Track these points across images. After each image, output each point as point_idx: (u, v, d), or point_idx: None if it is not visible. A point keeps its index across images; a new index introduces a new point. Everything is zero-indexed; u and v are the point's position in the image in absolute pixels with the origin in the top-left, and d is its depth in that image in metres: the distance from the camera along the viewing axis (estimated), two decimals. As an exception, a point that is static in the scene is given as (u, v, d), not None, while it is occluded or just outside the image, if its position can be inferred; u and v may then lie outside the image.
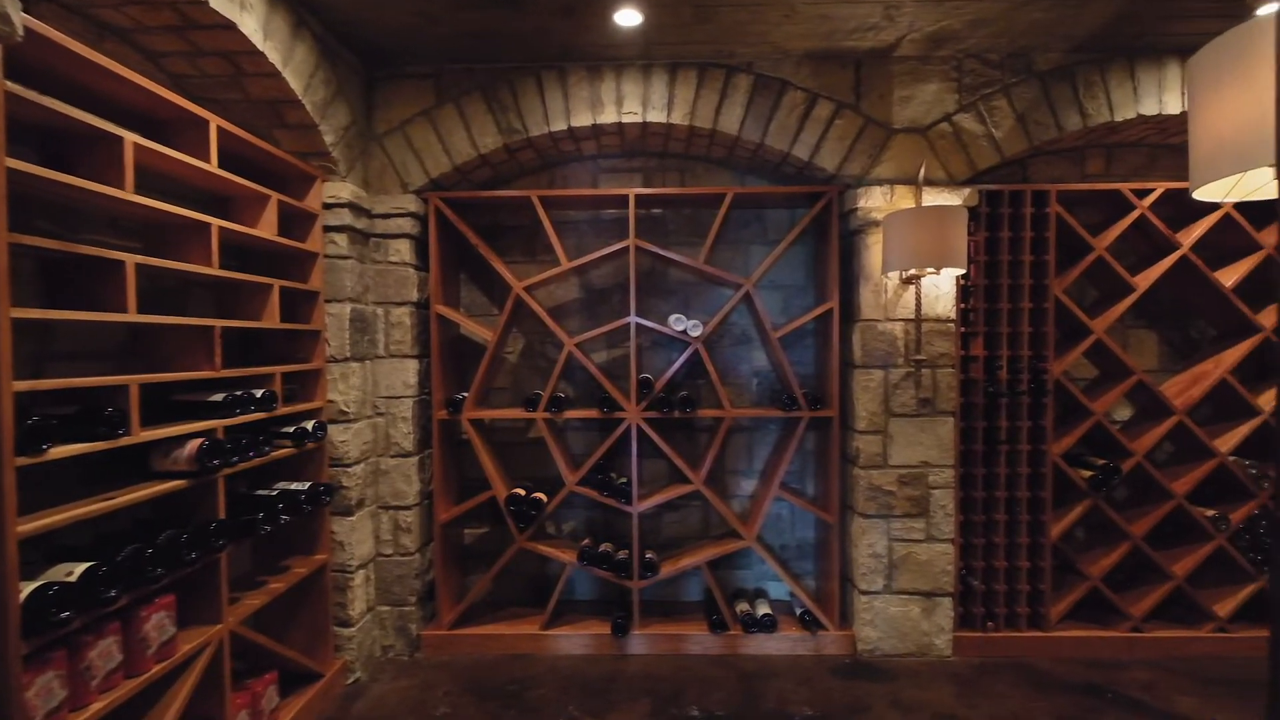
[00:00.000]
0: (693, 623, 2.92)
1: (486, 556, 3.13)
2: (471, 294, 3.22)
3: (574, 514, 3.20)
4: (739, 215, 3.15)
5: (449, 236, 2.98)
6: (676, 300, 3.17)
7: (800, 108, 2.71)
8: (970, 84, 2.69)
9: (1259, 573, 2.78)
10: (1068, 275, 2.80)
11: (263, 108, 2.29)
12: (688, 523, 3.20)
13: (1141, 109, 2.66)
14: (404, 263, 2.79)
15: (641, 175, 3.17)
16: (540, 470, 3.14)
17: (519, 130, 2.76)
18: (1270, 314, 2.79)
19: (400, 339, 2.80)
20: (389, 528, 2.80)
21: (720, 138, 2.82)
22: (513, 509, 2.82)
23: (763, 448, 3.20)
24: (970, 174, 2.71)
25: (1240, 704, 2.41)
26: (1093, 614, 2.87)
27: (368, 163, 2.78)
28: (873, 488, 2.74)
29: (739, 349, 3.19)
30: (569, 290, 3.21)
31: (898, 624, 2.75)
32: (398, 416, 2.79)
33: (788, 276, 3.15)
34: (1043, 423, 2.77)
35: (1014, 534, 2.79)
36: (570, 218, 3.18)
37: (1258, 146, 1.01)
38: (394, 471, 2.80)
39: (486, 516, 3.18)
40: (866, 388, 2.73)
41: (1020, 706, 2.40)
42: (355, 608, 2.61)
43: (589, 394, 3.13)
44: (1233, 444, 2.79)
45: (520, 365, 3.22)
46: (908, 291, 2.71)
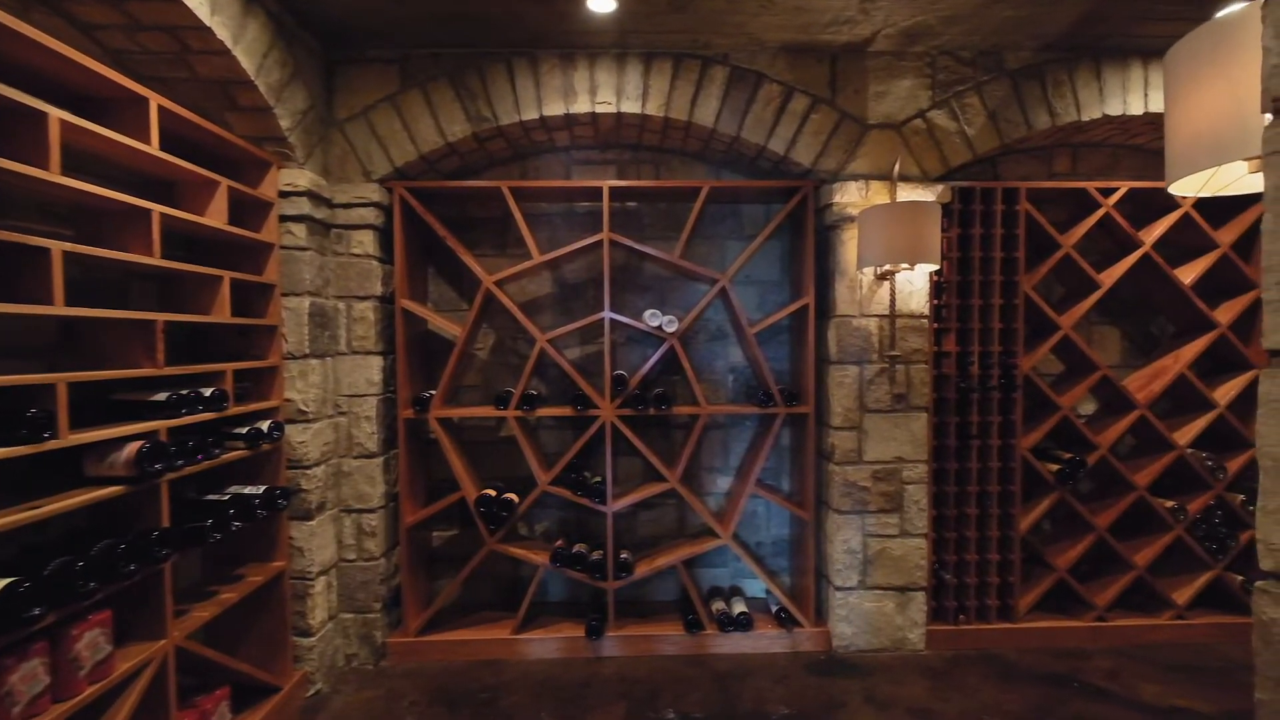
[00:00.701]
0: (668, 623, 2.87)
1: (456, 560, 3.03)
2: (440, 288, 3.11)
3: (547, 514, 3.13)
4: (714, 210, 3.12)
5: (415, 228, 2.87)
6: (651, 296, 3.12)
7: (776, 101, 2.68)
8: (944, 81, 2.70)
9: (1215, 561, 2.88)
10: (1036, 272, 2.84)
11: (212, 88, 2.15)
12: (663, 521, 3.16)
13: (1107, 109, 2.71)
14: (367, 255, 2.67)
15: (616, 168, 3.11)
16: (512, 470, 3.06)
17: (488, 119, 2.66)
18: (1225, 310, 2.88)
19: (363, 334, 2.68)
20: (352, 532, 2.68)
21: (696, 130, 2.77)
22: (483, 511, 2.73)
23: (739, 444, 3.17)
24: (943, 171, 2.72)
25: (1199, 690, 2.48)
26: (1059, 604, 2.93)
27: (328, 150, 2.64)
28: (848, 483, 2.74)
29: (715, 345, 3.15)
30: (541, 285, 3.13)
31: (872, 619, 2.76)
32: (361, 416, 2.68)
33: (763, 272, 3.13)
34: (1012, 417, 2.81)
35: (984, 527, 2.82)
36: (542, 210, 3.10)
37: (1234, 140, 1.01)
38: (357, 473, 2.68)
39: (456, 518, 3.08)
40: (841, 383, 2.72)
41: (991, 699, 2.43)
42: (316, 616, 2.49)
43: (562, 391, 3.06)
44: (1190, 437, 2.87)
45: (491, 362, 3.13)
46: (882, 287, 2.70)
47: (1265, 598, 0.92)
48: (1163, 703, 2.40)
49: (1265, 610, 0.91)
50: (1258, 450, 0.91)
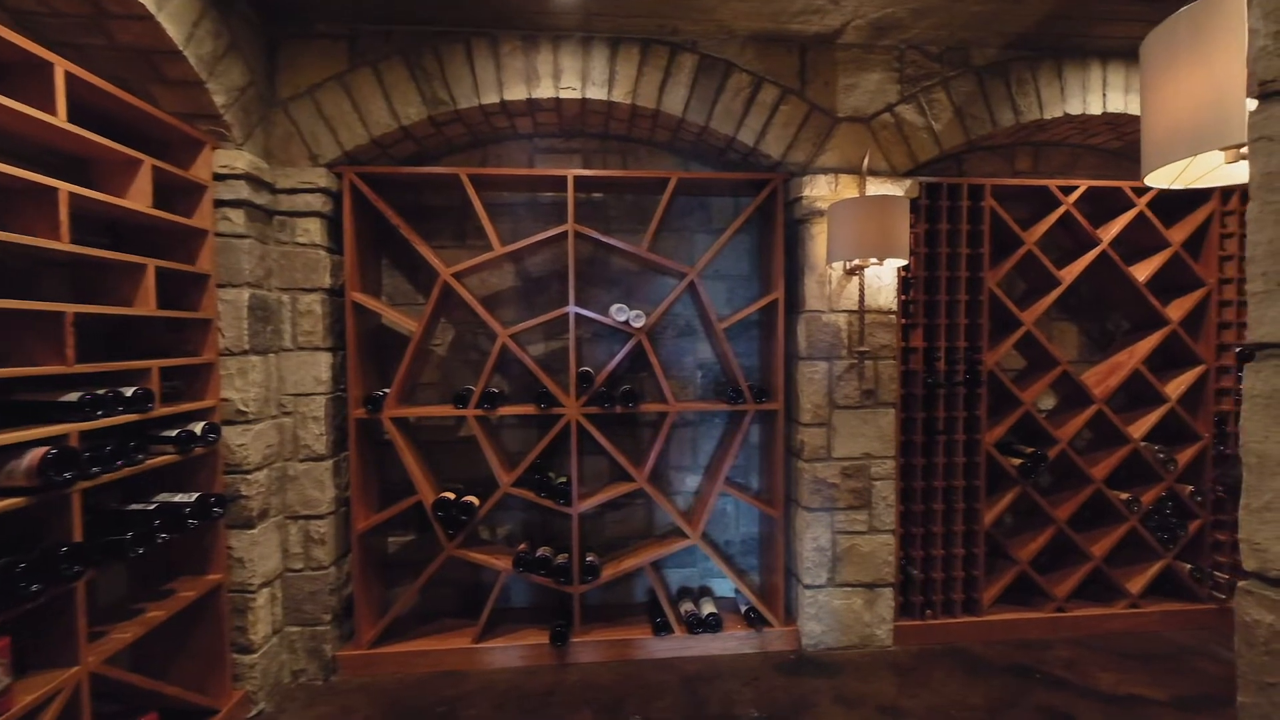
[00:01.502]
0: (636, 626, 2.80)
1: (413, 566, 2.88)
2: (395, 280, 2.95)
3: (510, 516, 3.01)
4: (683, 203, 3.04)
5: (367, 216, 2.70)
6: (618, 290, 3.03)
7: (746, 91, 2.62)
8: (911, 75, 2.68)
9: (1166, 551, 2.96)
10: (1000, 268, 2.86)
11: (135, 58, 1.96)
12: (631, 522, 3.08)
13: (1068, 108, 2.74)
14: (314, 244, 2.50)
15: (581, 157, 3.00)
16: (472, 471, 2.93)
17: (445, 101, 2.52)
18: (1176, 307, 2.96)
19: (310, 329, 2.51)
20: (299, 540, 2.51)
21: (664, 119, 2.69)
22: (440, 515, 2.59)
23: (707, 442, 3.11)
24: (911, 166, 2.71)
25: (1153, 677, 2.54)
26: (1021, 596, 2.97)
27: (270, 131, 2.46)
28: (817, 481, 2.71)
29: (683, 341, 3.08)
30: (503, 278, 3.00)
31: (841, 617, 2.74)
32: (308, 416, 2.51)
33: (732, 266, 3.07)
34: (977, 413, 2.83)
35: (950, 522, 2.84)
36: (504, 200, 2.97)
37: (1214, 128, 0.98)
38: (304, 477, 2.51)
39: (413, 523, 2.93)
40: (811, 379, 2.69)
41: (957, 693, 2.43)
42: (258, 631, 2.32)
43: (525, 389, 2.94)
44: (1144, 430, 2.95)
45: (450, 358, 2.98)
46: (851, 282, 2.68)
47: (1248, 599, 0.89)
48: (1119, 691, 2.45)
49: (1249, 611, 0.89)
50: (1242, 446, 0.89)
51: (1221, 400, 2.97)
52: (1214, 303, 2.95)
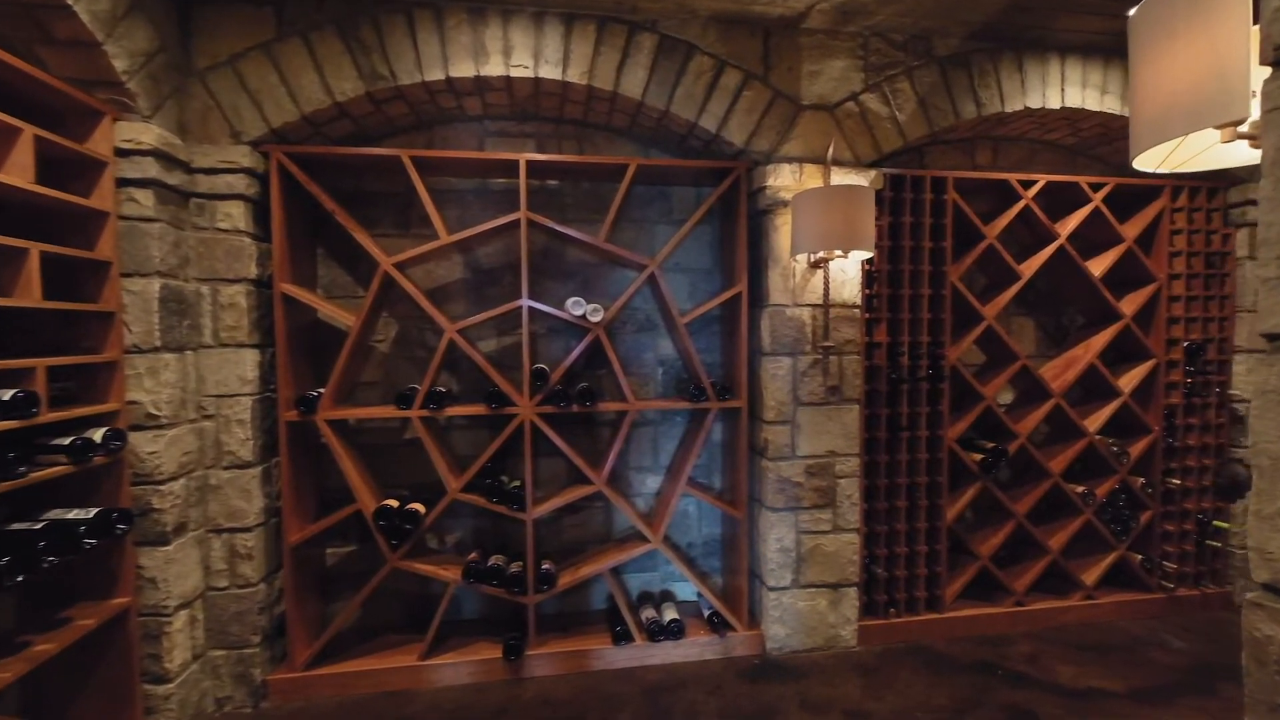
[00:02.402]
0: (595, 635, 2.67)
1: (354, 579, 2.68)
2: (332, 272, 2.73)
3: (460, 523, 2.83)
4: (643, 192, 2.92)
5: (299, 201, 2.48)
6: (575, 283, 2.88)
7: (708, 75, 2.51)
8: (876, 64, 2.62)
9: (1119, 542, 3.01)
10: (962, 262, 2.84)
11: (15, 11, 1.71)
12: (590, 526, 2.94)
13: (1028, 101, 2.73)
14: (237, 230, 2.27)
15: (535, 142, 2.84)
16: (419, 476, 2.74)
17: (385, 77, 2.32)
18: (1129, 302, 3.00)
19: (234, 324, 2.28)
20: (223, 555, 2.29)
21: (622, 103, 2.55)
22: (383, 524, 2.41)
23: (669, 441, 3.00)
24: (875, 156, 2.65)
25: (1109, 669, 2.56)
26: (982, 591, 2.97)
27: (185, 103, 2.22)
28: (781, 480, 2.63)
29: (643, 336, 2.96)
30: (452, 269, 2.82)
31: (805, 618, 2.67)
32: (232, 419, 2.28)
33: (694, 259, 2.97)
34: (940, 408, 2.80)
35: (913, 519, 2.81)
36: (452, 186, 2.78)
37: (1215, 101, 0.90)
38: (228, 486, 2.29)
39: (353, 532, 2.73)
40: (775, 376, 2.61)
41: (922, 694, 2.39)
42: (174, 658, 2.10)
43: (476, 387, 2.77)
44: (1099, 424, 2.98)
45: (393, 356, 2.78)
46: (816, 276, 2.61)
47: (1258, 613, 0.83)
48: (1079, 684, 2.45)
49: (1258, 627, 0.82)
50: (1252, 448, 0.82)
51: (1171, 393, 3.03)
52: (1164, 298, 3.00)
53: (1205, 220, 3.03)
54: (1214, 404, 3.05)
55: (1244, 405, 3.04)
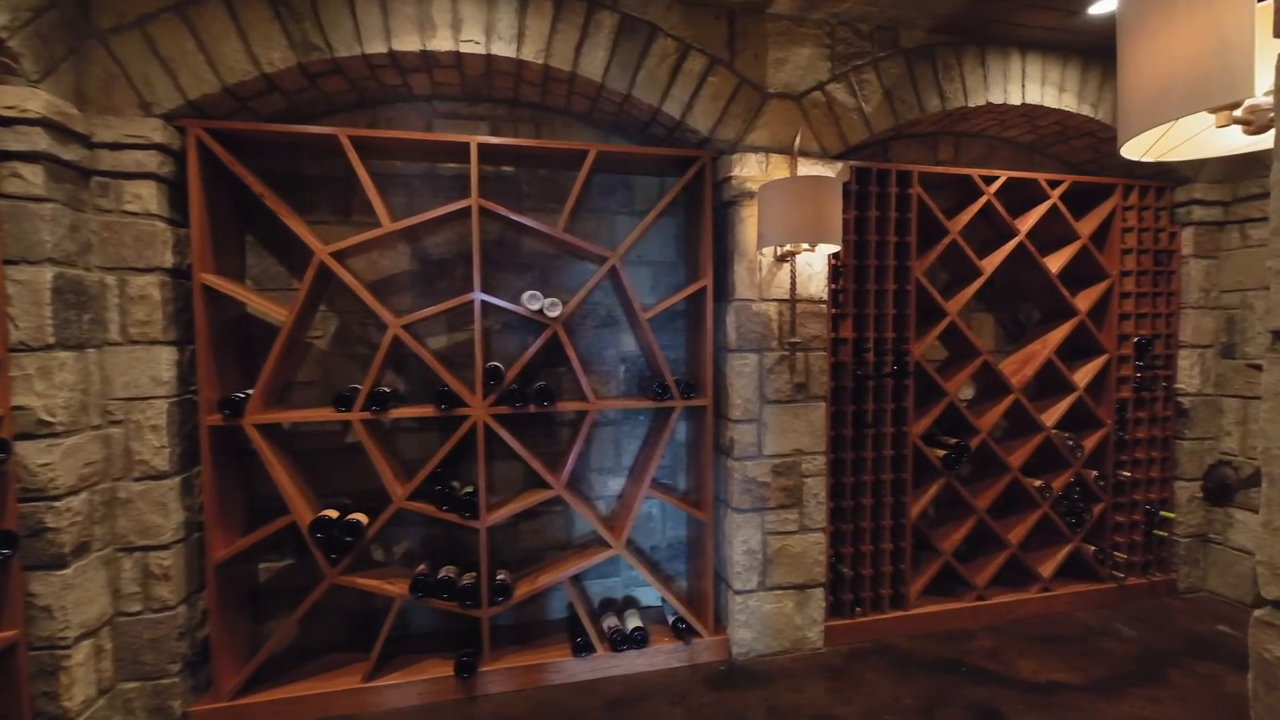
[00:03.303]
0: (555, 647, 2.54)
1: (291, 596, 2.47)
2: (263, 262, 2.50)
3: (409, 532, 2.65)
4: (603, 181, 2.78)
5: (223, 183, 2.25)
6: (532, 276, 2.73)
7: (672, 58, 2.39)
8: (842, 53, 2.56)
9: (1073, 535, 3.06)
10: (926, 257, 2.82)
11: None
12: (548, 532, 2.80)
13: (990, 97, 2.72)
14: (149, 213, 2.03)
15: (488, 125, 2.66)
16: (363, 482, 2.54)
17: (320, 48, 2.12)
18: (1084, 298, 3.05)
19: (145, 318, 2.04)
20: (135, 576, 2.05)
21: (581, 85, 2.41)
22: (320, 537, 2.21)
23: (632, 441, 2.89)
24: (842, 148, 2.59)
25: (1067, 661, 2.59)
26: (945, 586, 2.98)
27: (84, 69, 1.96)
28: (747, 480, 2.55)
29: (604, 332, 2.83)
30: (397, 260, 2.62)
31: (772, 621, 2.61)
32: (144, 425, 2.04)
33: (657, 251, 2.85)
34: (905, 405, 2.77)
35: (879, 517, 2.78)
36: (397, 171, 2.58)
37: (1216, 80, 0.84)
38: (141, 499, 2.05)
39: (290, 545, 2.51)
40: (741, 373, 2.52)
41: (889, 695, 2.36)
42: (75, 694, 1.86)
43: (425, 387, 2.59)
44: (1056, 418, 3.02)
45: (333, 353, 2.57)
46: (782, 270, 2.53)
47: (1267, 632, 0.76)
48: (1040, 678, 2.46)
49: (1268, 647, 0.76)
50: (1262, 452, 0.76)
51: (1122, 388, 3.10)
52: (1116, 294, 3.06)
53: (1154, 219, 3.11)
54: (1161, 397, 3.14)
55: (1188, 399, 3.14)
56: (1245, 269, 3.04)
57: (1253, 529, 2.99)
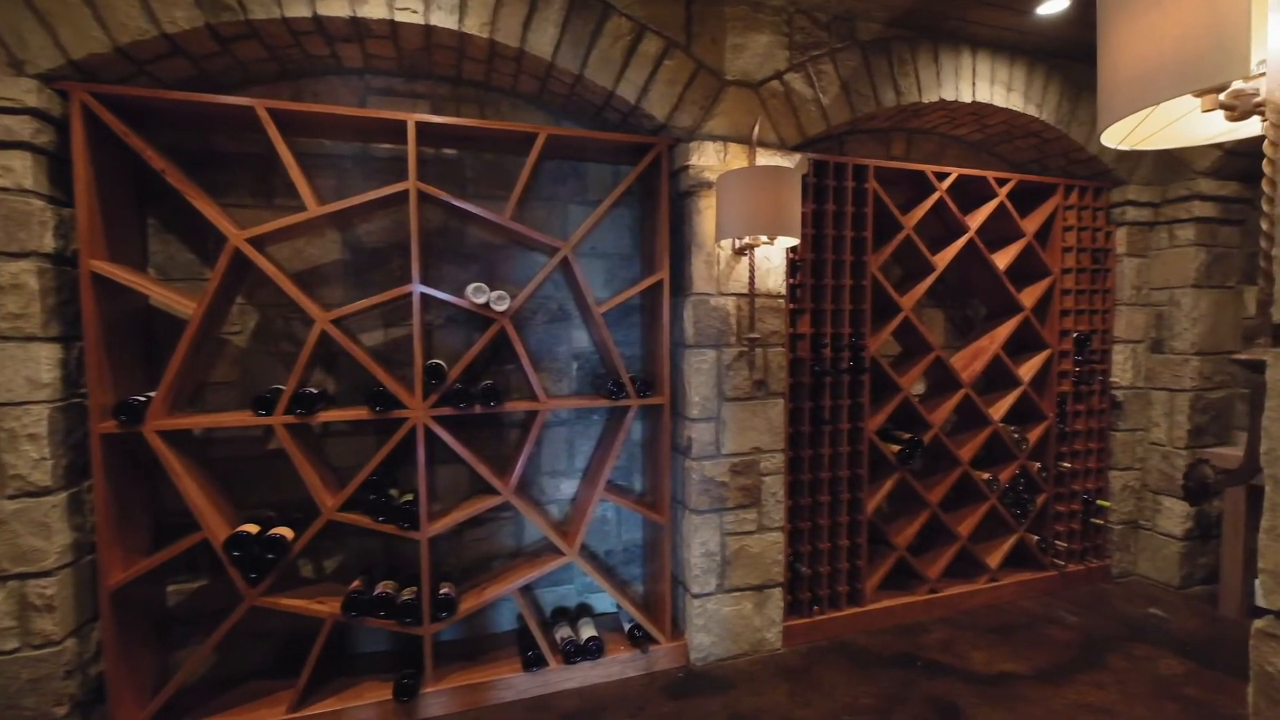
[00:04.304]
0: (505, 661, 2.39)
1: (208, 619, 2.22)
2: (169, 248, 2.23)
3: (342, 545, 2.44)
4: (555, 168, 2.63)
5: (119, 157, 1.98)
6: (477, 267, 2.55)
7: (626, 38, 2.27)
8: (800, 42, 2.50)
9: (1019, 525, 3.14)
10: (882, 253, 2.81)
11: None
12: (496, 539, 2.64)
13: (943, 93, 2.73)
14: (21, 189, 1.75)
15: (429, 104, 2.47)
16: (289, 492, 2.31)
17: (231, 7, 1.88)
18: (1028, 294, 3.12)
19: (19, 311, 1.76)
20: (10, 609, 1.78)
21: (530, 63, 2.25)
22: (237, 555, 1.98)
23: (585, 442, 2.76)
24: (800, 140, 2.53)
25: (1015, 650, 2.64)
26: (899, 580, 2.99)
27: (-64, 16, 1.67)
28: (706, 480, 2.47)
29: (555, 327, 2.69)
30: (327, 249, 2.40)
31: (730, 625, 2.54)
32: (19, 434, 1.77)
33: (611, 243, 2.73)
34: (861, 400, 2.76)
35: (836, 514, 2.76)
36: (326, 150, 2.36)
37: (1210, 59, 0.79)
38: (15, 520, 1.78)
39: (205, 563, 2.26)
40: (699, 370, 2.43)
41: (848, 695, 2.33)
42: (-67, 753, 1.59)
43: (360, 387, 2.38)
44: (1002, 412, 3.08)
45: (253, 351, 2.33)
46: (740, 263, 2.46)
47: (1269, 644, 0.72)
48: (992, 669, 2.49)
49: (1270, 660, 0.71)
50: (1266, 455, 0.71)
51: (1062, 381, 3.19)
52: (1057, 291, 3.15)
53: (1091, 219, 3.21)
54: (1098, 391, 3.26)
55: (1122, 392, 3.27)
56: (1173, 268, 3.19)
57: (1179, 515, 3.15)
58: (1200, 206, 3.07)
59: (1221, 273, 3.16)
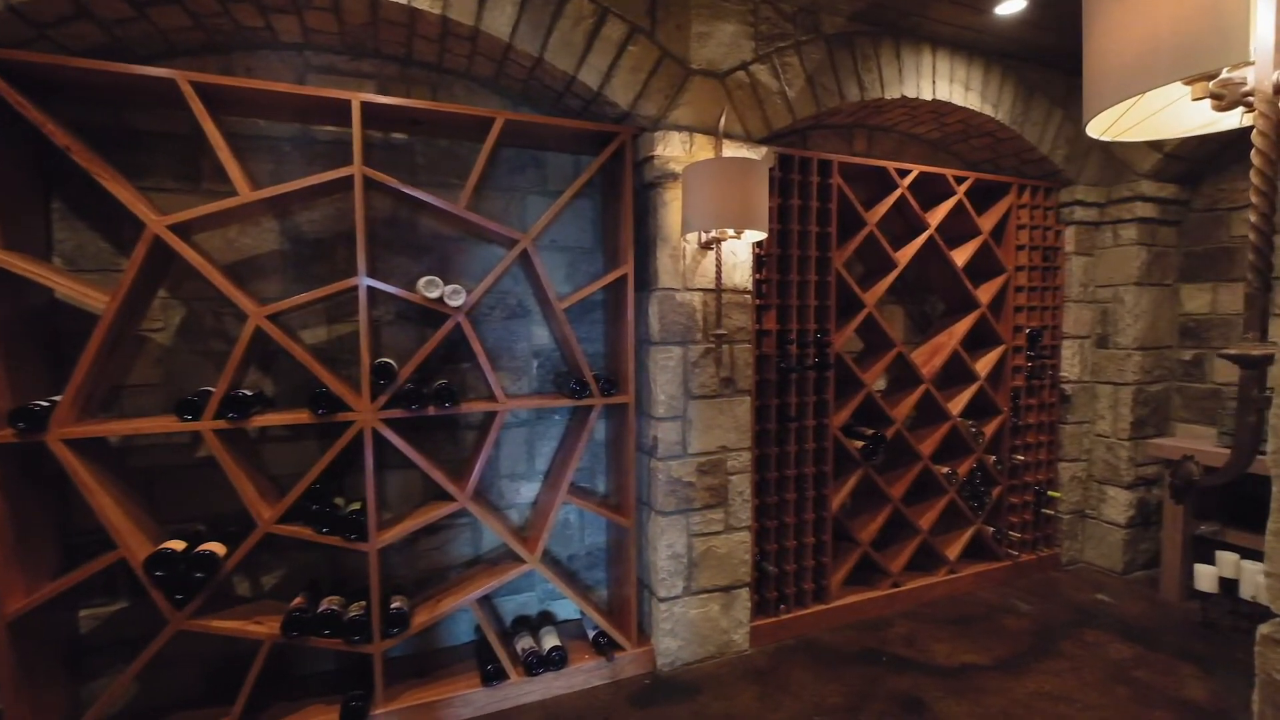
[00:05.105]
0: (462, 676, 2.26)
1: (130, 645, 2.02)
2: (79, 236, 2.00)
3: (283, 559, 2.26)
4: (513, 157, 2.51)
5: (15, 132, 1.76)
6: (430, 260, 2.41)
7: (588, 21, 2.17)
8: (765, 33, 2.45)
9: (976, 517, 3.20)
10: (846, 248, 2.81)
11: None
12: (453, 548, 2.51)
13: (905, 90, 2.74)
14: (-108, 164, 1.52)
15: (376, 84, 2.31)
16: (224, 504, 2.12)
17: (147, -34, 1.69)
18: (984, 291, 3.18)
19: (-109, 304, 1.54)
20: (-116, 646, 1.55)
21: (486, 44, 2.13)
22: (161, 575, 1.80)
23: (546, 443, 2.65)
24: (766, 133, 2.49)
25: (975, 641, 2.68)
26: (863, 576, 3.01)
27: None
28: (672, 480, 2.40)
29: (514, 323, 2.57)
30: (263, 239, 2.21)
31: (698, 628, 2.49)
32: (-107, 446, 1.55)
33: (573, 236, 2.62)
34: (826, 397, 2.75)
35: (802, 511, 2.74)
36: (261, 131, 2.17)
37: (1210, 41, 0.76)
38: (-111, 545, 1.55)
39: (125, 585, 2.05)
40: (665, 367, 2.36)
41: (816, 694, 2.31)
42: None
43: (301, 388, 2.20)
44: (960, 407, 3.13)
45: (179, 349, 2.12)
46: (706, 257, 2.40)
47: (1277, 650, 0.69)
48: (954, 661, 2.52)
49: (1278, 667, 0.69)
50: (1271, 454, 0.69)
51: (1016, 376, 3.27)
52: (1011, 288, 3.22)
53: (1043, 217, 3.30)
54: (1048, 385, 3.36)
55: (1070, 386, 3.38)
56: (1116, 266, 3.31)
57: (1122, 504, 3.28)
58: (1142, 207, 3.19)
59: (1160, 271, 3.30)
